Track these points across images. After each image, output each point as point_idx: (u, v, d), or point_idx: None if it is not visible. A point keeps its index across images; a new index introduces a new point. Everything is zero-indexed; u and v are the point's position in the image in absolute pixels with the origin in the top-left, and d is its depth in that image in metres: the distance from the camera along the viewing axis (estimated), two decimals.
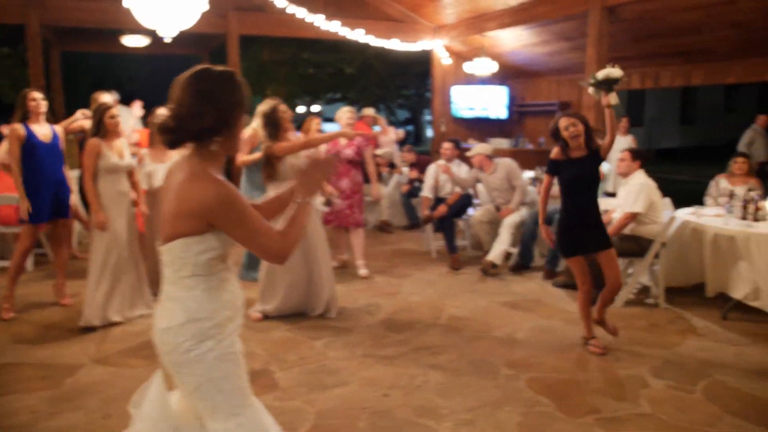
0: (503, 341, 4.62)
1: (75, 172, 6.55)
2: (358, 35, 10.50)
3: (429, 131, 22.31)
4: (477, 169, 6.95)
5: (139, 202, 5.25)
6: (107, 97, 6.15)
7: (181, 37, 11.34)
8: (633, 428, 3.36)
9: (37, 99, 5.00)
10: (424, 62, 14.03)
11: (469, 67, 11.19)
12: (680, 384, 3.88)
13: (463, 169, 7.25)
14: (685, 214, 5.61)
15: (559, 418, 3.46)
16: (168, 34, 4.98)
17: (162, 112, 6.11)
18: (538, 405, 3.62)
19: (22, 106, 4.97)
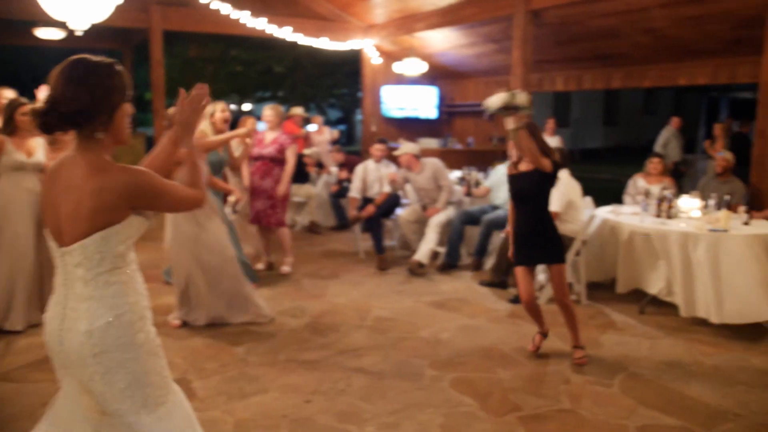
0: (428, 342, 4.62)
1: None
2: (286, 33, 10.35)
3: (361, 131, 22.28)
4: (405, 168, 6.94)
5: None
6: (9, 93, 5.80)
7: (101, 31, 10.83)
8: (553, 425, 3.40)
9: None
10: (354, 62, 14.00)
11: (399, 67, 11.22)
12: (599, 378, 3.97)
13: (392, 170, 7.23)
14: (605, 213, 5.77)
15: (482, 418, 3.47)
16: (79, 27, 4.72)
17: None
18: (461, 405, 3.62)
19: None
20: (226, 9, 9.51)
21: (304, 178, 8.58)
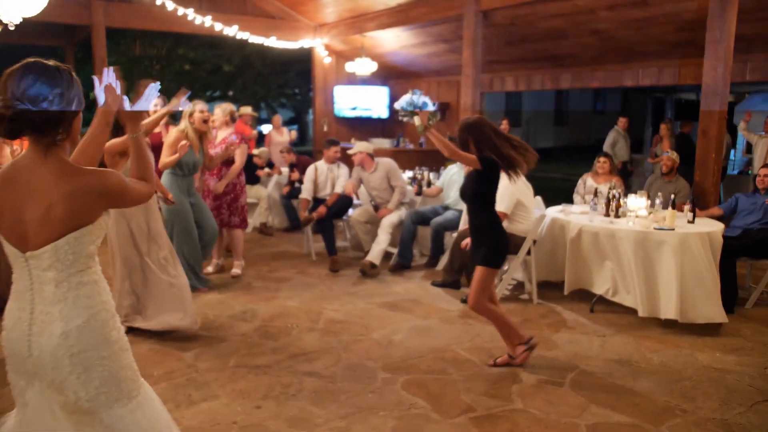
0: (381, 343, 4.56)
1: None
2: (234, 31, 10.16)
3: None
4: (358, 167, 6.88)
5: None
6: None
7: (40, 27, 10.42)
8: (505, 425, 3.39)
9: None
10: (306, 61, 13.86)
11: (350, 67, 11.16)
12: (550, 377, 3.99)
13: (344, 171, 7.16)
14: (555, 212, 5.82)
15: (434, 420, 3.43)
16: (10, 20, 4.49)
17: None
18: (414, 407, 3.57)
19: None
20: (171, 5, 9.26)
21: (254, 179, 8.44)
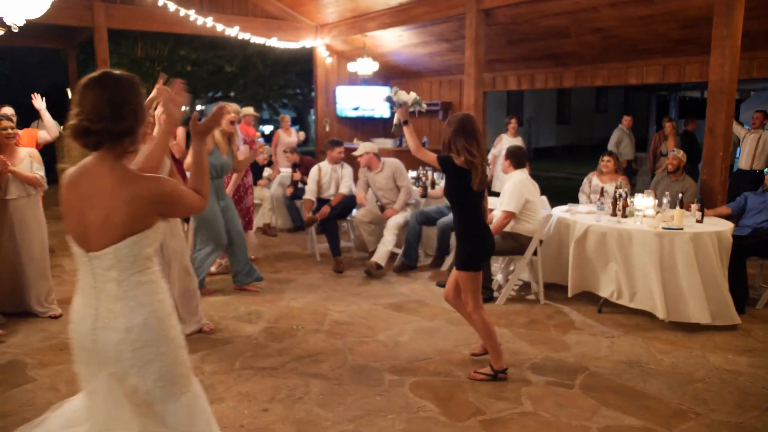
0: (387, 345, 4.52)
1: None
2: (235, 32, 10.12)
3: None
4: (365, 168, 6.84)
5: None
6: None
7: (43, 29, 10.41)
8: (516, 428, 3.35)
9: None
10: (307, 61, 13.82)
11: (352, 67, 11.12)
12: (560, 379, 3.95)
13: (347, 171, 7.12)
14: (561, 212, 5.77)
15: (443, 423, 3.39)
16: (13, 23, 4.46)
17: (9, 111, 5.63)
18: (422, 410, 3.53)
19: None
20: (173, 6, 9.23)
21: (257, 179, 8.40)
